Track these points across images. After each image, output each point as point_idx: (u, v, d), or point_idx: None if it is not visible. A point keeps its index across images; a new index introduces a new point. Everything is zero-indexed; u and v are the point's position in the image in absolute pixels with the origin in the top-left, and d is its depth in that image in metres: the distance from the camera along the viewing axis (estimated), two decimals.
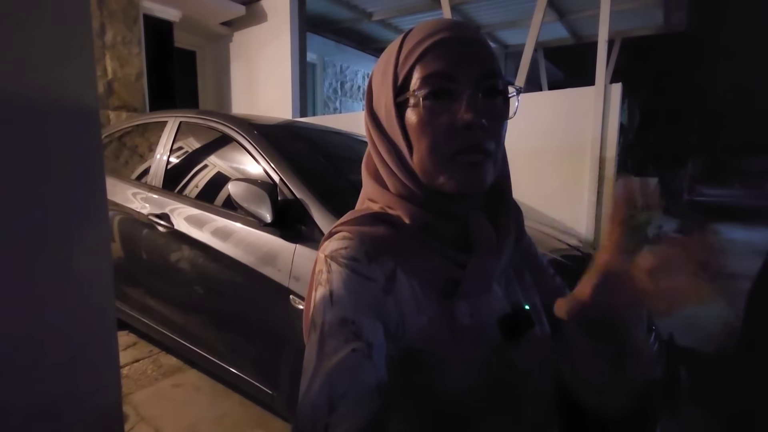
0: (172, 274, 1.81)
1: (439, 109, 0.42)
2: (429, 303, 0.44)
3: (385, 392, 0.37)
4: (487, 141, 0.42)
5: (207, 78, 4.82)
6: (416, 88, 0.43)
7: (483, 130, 0.42)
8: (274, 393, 1.45)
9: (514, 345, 0.46)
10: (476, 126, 0.41)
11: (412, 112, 0.43)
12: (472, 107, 0.41)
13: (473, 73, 0.42)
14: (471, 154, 0.42)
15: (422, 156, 0.44)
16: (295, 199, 1.47)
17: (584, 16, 4.58)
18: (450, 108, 0.42)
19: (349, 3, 4.66)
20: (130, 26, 3.55)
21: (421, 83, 0.43)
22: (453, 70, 0.42)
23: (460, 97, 0.42)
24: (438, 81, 0.42)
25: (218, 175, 1.82)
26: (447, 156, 0.42)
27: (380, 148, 0.47)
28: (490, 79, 0.43)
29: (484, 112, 0.42)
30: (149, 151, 2.16)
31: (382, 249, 0.45)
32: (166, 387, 1.90)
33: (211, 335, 1.70)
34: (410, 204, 0.46)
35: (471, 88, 0.42)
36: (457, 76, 0.42)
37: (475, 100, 0.42)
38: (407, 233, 0.46)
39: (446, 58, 0.42)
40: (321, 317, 0.40)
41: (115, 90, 3.50)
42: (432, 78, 0.42)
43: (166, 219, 1.82)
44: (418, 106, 0.43)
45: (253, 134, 1.72)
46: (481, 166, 0.43)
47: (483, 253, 0.46)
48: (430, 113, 0.42)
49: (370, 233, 0.45)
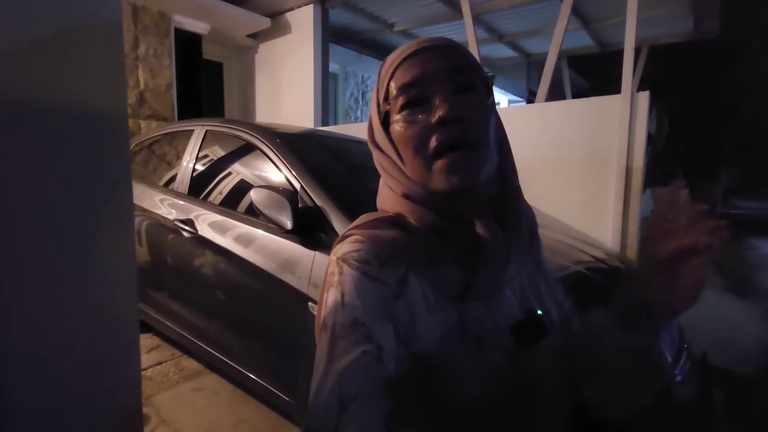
0: (195, 279, 1.84)
1: (414, 116, 0.45)
2: (440, 307, 0.44)
3: (394, 395, 0.37)
4: (468, 133, 0.43)
5: (233, 88, 4.96)
6: (393, 102, 0.46)
7: (461, 123, 0.43)
8: (291, 400, 1.45)
9: (527, 352, 0.45)
10: (452, 120, 0.43)
11: (395, 125, 0.46)
12: (444, 102, 0.43)
13: (442, 74, 0.44)
14: (452, 150, 0.43)
15: (409, 161, 0.46)
16: (316, 206, 1.48)
17: (610, 24, 4.49)
18: (425, 112, 0.44)
19: (372, 14, 4.73)
20: (162, 39, 3.70)
21: (396, 96, 0.46)
22: (421, 77, 0.45)
23: (432, 99, 0.44)
24: (409, 91, 0.45)
25: (241, 183, 1.86)
26: (428, 156, 0.44)
27: (383, 164, 0.50)
28: (460, 76, 0.45)
29: (460, 106, 0.43)
30: (176, 159, 2.22)
31: (394, 252, 0.45)
32: (187, 390, 1.93)
33: (231, 340, 1.72)
34: (418, 206, 0.47)
35: (441, 87, 0.44)
36: (426, 81, 0.44)
37: (447, 95, 0.43)
38: (419, 237, 0.46)
39: (413, 69, 0.45)
40: (332, 319, 0.41)
41: (146, 100, 3.65)
42: (403, 89, 0.45)
43: (190, 225, 1.86)
44: (397, 118, 0.46)
45: (276, 142, 1.75)
46: (467, 160, 0.43)
47: (492, 255, 0.45)
48: (407, 121, 0.45)
49: (383, 236, 0.46)
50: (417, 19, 4.74)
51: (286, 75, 4.50)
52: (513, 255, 0.48)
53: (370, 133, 0.52)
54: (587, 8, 4.22)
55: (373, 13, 4.70)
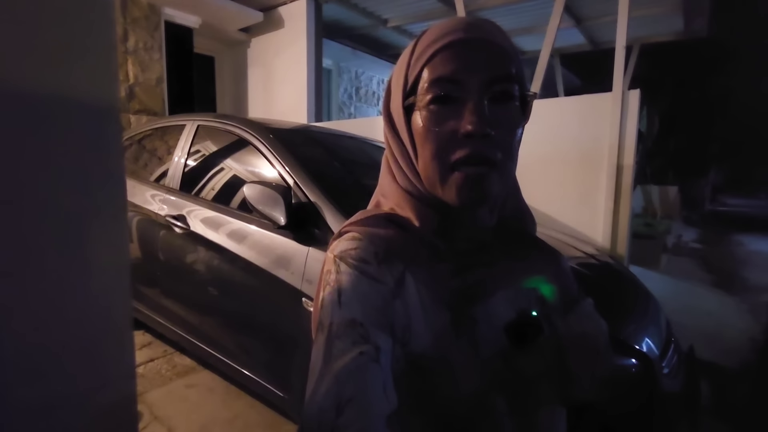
0: (188, 275, 1.83)
1: (443, 116, 0.41)
2: (435, 307, 0.44)
3: (392, 396, 0.37)
4: (491, 151, 0.41)
5: (225, 83, 4.91)
6: (423, 92, 0.42)
7: (488, 139, 0.40)
8: (286, 396, 1.46)
9: (522, 352, 0.45)
10: (479, 135, 0.40)
11: (418, 117, 0.43)
12: (476, 116, 0.40)
13: (481, 78, 0.41)
14: (472, 166, 0.41)
15: (425, 162, 0.43)
16: (309, 202, 1.48)
17: (602, 22, 4.52)
18: (455, 115, 0.41)
19: (365, 10, 4.71)
20: (152, 33, 3.64)
21: (428, 87, 0.42)
22: (459, 75, 0.41)
23: (465, 104, 0.41)
24: (443, 86, 0.41)
25: (234, 178, 1.85)
26: (447, 165, 0.42)
27: (393, 147, 0.47)
28: (500, 84, 0.41)
29: (491, 120, 0.40)
30: (167, 154, 2.20)
31: (392, 251, 0.44)
32: (180, 387, 1.93)
33: (225, 336, 1.72)
34: (419, 203, 0.46)
35: (477, 95, 0.40)
36: (464, 81, 0.41)
37: (481, 107, 0.40)
38: (416, 236, 0.46)
39: (453, 62, 0.41)
40: (329, 318, 0.40)
41: (136, 94, 3.60)
42: (438, 83, 0.41)
43: (182, 220, 1.85)
44: (423, 111, 0.42)
45: (269, 138, 1.74)
46: (484, 178, 0.41)
47: (489, 256, 0.45)
48: (434, 119, 0.42)
49: (380, 235, 0.45)
50: (411, 14, 4.73)
51: (279, 70, 4.47)
52: (512, 256, 0.48)
53: (387, 117, 0.48)
54: (580, 6, 4.24)
55: (367, 8, 4.68)
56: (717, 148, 12.35)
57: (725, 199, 11.98)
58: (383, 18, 4.95)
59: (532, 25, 4.81)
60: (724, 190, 12.60)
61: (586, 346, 0.47)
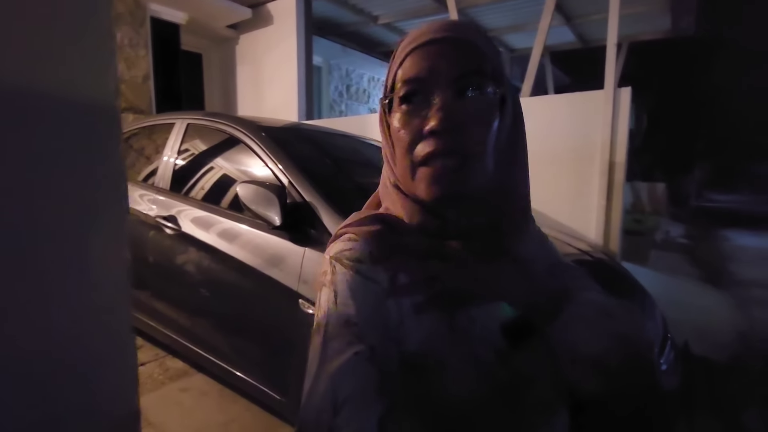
0: (179, 277, 1.79)
1: (411, 114, 0.42)
2: (428, 306, 0.44)
3: (387, 396, 0.37)
4: (460, 145, 0.41)
5: (213, 81, 4.84)
6: (396, 93, 0.44)
7: (455, 133, 0.40)
8: (283, 399, 1.43)
9: (518, 350, 0.45)
10: (443, 131, 0.40)
11: (393, 116, 0.44)
12: (441, 112, 0.40)
13: (447, 76, 0.41)
14: (438, 160, 0.41)
15: (399, 161, 0.44)
16: (304, 201, 1.45)
17: (591, 20, 4.56)
18: (422, 113, 0.42)
19: (355, 6, 4.67)
20: (137, 29, 3.56)
21: (399, 88, 0.43)
22: (426, 74, 0.42)
23: (431, 103, 0.41)
24: (411, 85, 0.42)
25: (226, 177, 1.81)
26: (416, 162, 0.42)
27: (384, 147, 0.49)
28: (469, 79, 0.42)
29: (460, 114, 0.41)
30: (156, 153, 2.15)
31: (386, 250, 0.45)
32: (173, 391, 1.89)
33: (219, 339, 1.68)
34: (409, 202, 0.46)
35: (443, 92, 0.41)
36: (430, 79, 0.42)
37: (446, 104, 0.41)
38: (407, 235, 0.46)
39: (420, 63, 0.42)
40: (325, 319, 0.41)
41: (122, 92, 3.52)
42: (406, 83, 0.43)
43: (173, 221, 1.81)
44: (396, 111, 0.44)
45: (261, 136, 1.71)
46: (453, 171, 0.41)
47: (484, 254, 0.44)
48: (403, 118, 0.43)
49: (375, 234, 0.46)
50: (402, 12, 4.71)
51: (268, 67, 4.41)
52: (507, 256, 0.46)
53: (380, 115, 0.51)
54: (570, 5, 4.27)
55: (357, 5, 4.65)
56: (702, 145, 12.59)
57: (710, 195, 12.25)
58: (373, 15, 4.93)
59: (522, 22, 4.83)
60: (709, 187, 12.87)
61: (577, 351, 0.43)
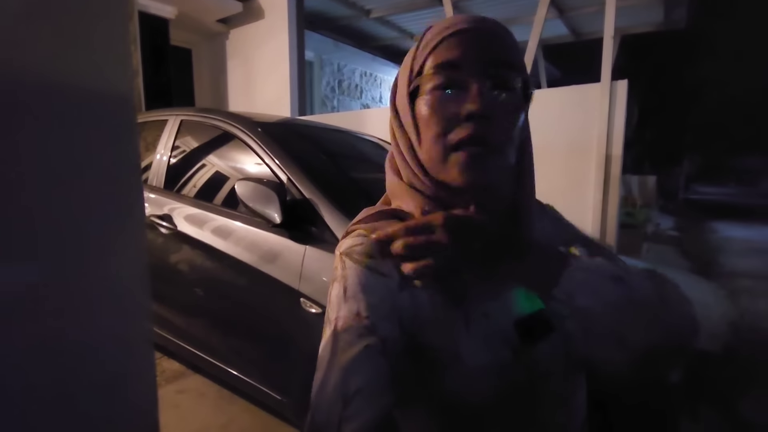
0: (176, 277, 1.75)
1: (446, 99, 0.42)
2: (443, 302, 0.44)
3: (398, 388, 0.37)
4: (491, 134, 0.42)
5: (203, 76, 4.75)
6: (427, 77, 0.43)
7: (488, 121, 0.41)
8: (283, 399, 1.41)
9: (532, 348, 0.44)
10: (480, 117, 0.41)
11: (422, 102, 0.44)
12: (478, 98, 0.41)
13: (484, 64, 0.42)
14: (473, 146, 0.42)
15: (427, 145, 0.44)
16: (304, 198, 1.42)
17: (585, 13, 4.56)
18: (457, 98, 0.42)
19: (347, 0, 4.61)
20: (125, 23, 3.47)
21: (432, 73, 0.43)
22: (462, 60, 0.42)
23: (466, 88, 0.42)
24: (446, 70, 0.42)
25: (222, 175, 1.77)
26: (450, 147, 0.43)
27: (399, 140, 0.48)
28: (502, 70, 0.42)
29: (493, 104, 0.41)
30: (147, 151, 2.10)
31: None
32: (170, 393, 1.85)
33: (218, 340, 1.65)
34: (423, 198, 0.46)
35: (479, 79, 0.41)
36: (466, 65, 0.42)
37: (483, 90, 0.41)
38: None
39: (457, 48, 0.42)
40: (335, 313, 0.41)
41: None
42: (441, 67, 0.43)
43: (168, 220, 1.76)
44: (427, 96, 0.44)
45: (257, 132, 1.67)
46: (483, 159, 0.42)
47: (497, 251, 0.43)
48: (437, 103, 0.43)
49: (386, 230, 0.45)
50: (394, 5, 4.67)
51: (260, 62, 4.34)
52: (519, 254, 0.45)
53: (393, 110, 0.49)
54: None
55: None
56: (691, 138, 12.75)
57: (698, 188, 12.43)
58: (366, 9, 4.87)
59: (516, 15, 4.81)
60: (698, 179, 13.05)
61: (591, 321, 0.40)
